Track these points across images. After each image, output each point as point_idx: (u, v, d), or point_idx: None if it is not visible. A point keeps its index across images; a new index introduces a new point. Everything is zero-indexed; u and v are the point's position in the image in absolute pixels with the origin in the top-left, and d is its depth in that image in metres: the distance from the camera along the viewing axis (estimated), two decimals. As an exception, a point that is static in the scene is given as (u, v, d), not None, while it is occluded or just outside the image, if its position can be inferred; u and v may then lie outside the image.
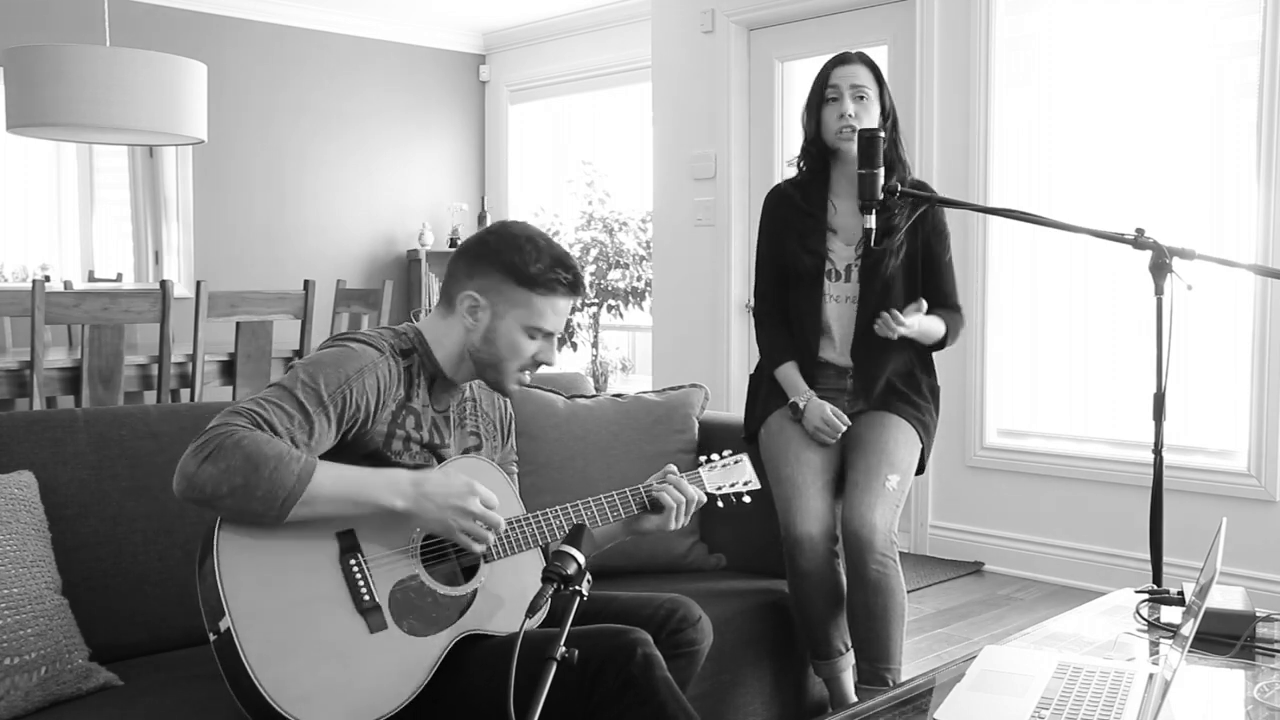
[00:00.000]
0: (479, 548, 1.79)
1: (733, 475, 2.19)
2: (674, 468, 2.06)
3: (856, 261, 2.66)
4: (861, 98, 2.62)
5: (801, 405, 2.63)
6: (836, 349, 2.70)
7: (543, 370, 2.04)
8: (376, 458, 1.82)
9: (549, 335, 1.90)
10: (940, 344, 2.70)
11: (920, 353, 2.74)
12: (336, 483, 1.68)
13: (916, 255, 2.66)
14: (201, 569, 1.67)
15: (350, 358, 1.79)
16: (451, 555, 1.85)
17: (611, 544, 2.09)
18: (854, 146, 2.50)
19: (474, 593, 1.83)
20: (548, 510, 1.93)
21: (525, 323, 1.87)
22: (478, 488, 1.77)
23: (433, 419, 1.91)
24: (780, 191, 2.77)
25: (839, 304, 2.69)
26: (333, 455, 1.78)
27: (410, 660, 1.72)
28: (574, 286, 1.89)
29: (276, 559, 1.67)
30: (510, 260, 1.85)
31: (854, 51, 2.71)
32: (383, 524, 1.74)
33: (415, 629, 1.74)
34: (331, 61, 7.14)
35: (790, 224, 2.70)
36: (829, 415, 2.60)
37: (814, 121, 2.68)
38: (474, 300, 1.86)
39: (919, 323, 2.55)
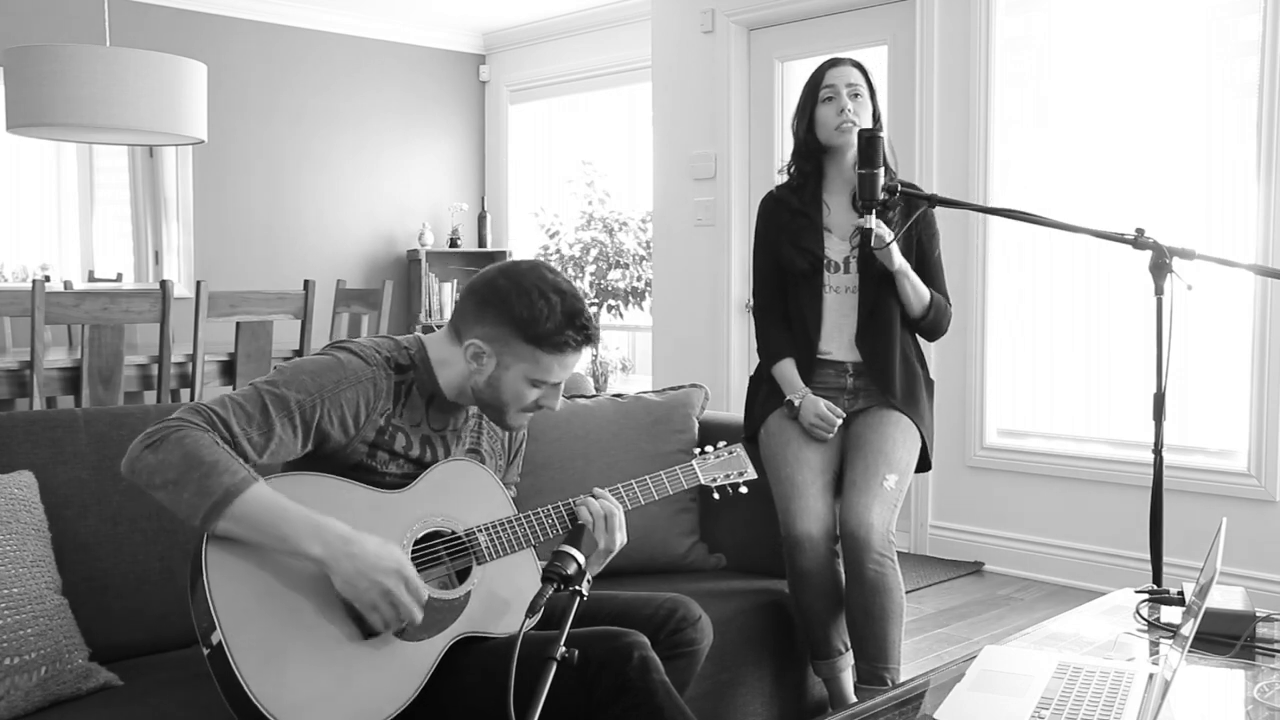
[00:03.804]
0: (379, 625, 1.67)
1: (728, 467, 2.18)
2: (598, 489, 1.97)
3: (853, 253, 2.67)
4: (857, 95, 2.66)
5: (797, 403, 2.64)
6: (836, 341, 2.70)
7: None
8: (360, 469, 1.80)
9: (554, 385, 1.87)
10: (925, 315, 2.67)
11: (915, 341, 2.76)
12: (264, 510, 1.61)
13: (910, 252, 2.68)
14: (193, 584, 1.65)
15: (332, 369, 1.77)
16: (444, 559, 1.84)
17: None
18: (852, 140, 2.53)
19: (468, 595, 1.82)
20: (538, 510, 1.92)
21: (531, 376, 1.83)
22: (407, 571, 1.67)
23: (425, 436, 1.88)
24: (773, 198, 2.79)
25: (839, 294, 2.69)
26: (316, 466, 1.77)
27: (406, 665, 1.72)
28: (585, 343, 1.84)
29: (266, 570, 1.65)
30: (521, 315, 1.79)
31: (845, 57, 2.74)
32: (370, 529, 1.70)
33: (410, 634, 1.73)
34: (331, 61, 7.14)
35: (783, 227, 2.72)
36: (823, 410, 2.61)
37: (806, 122, 2.70)
38: (479, 348, 1.82)
39: (902, 261, 2.59)
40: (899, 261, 2.58)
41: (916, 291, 2.64)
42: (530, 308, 1.79)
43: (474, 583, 1.83)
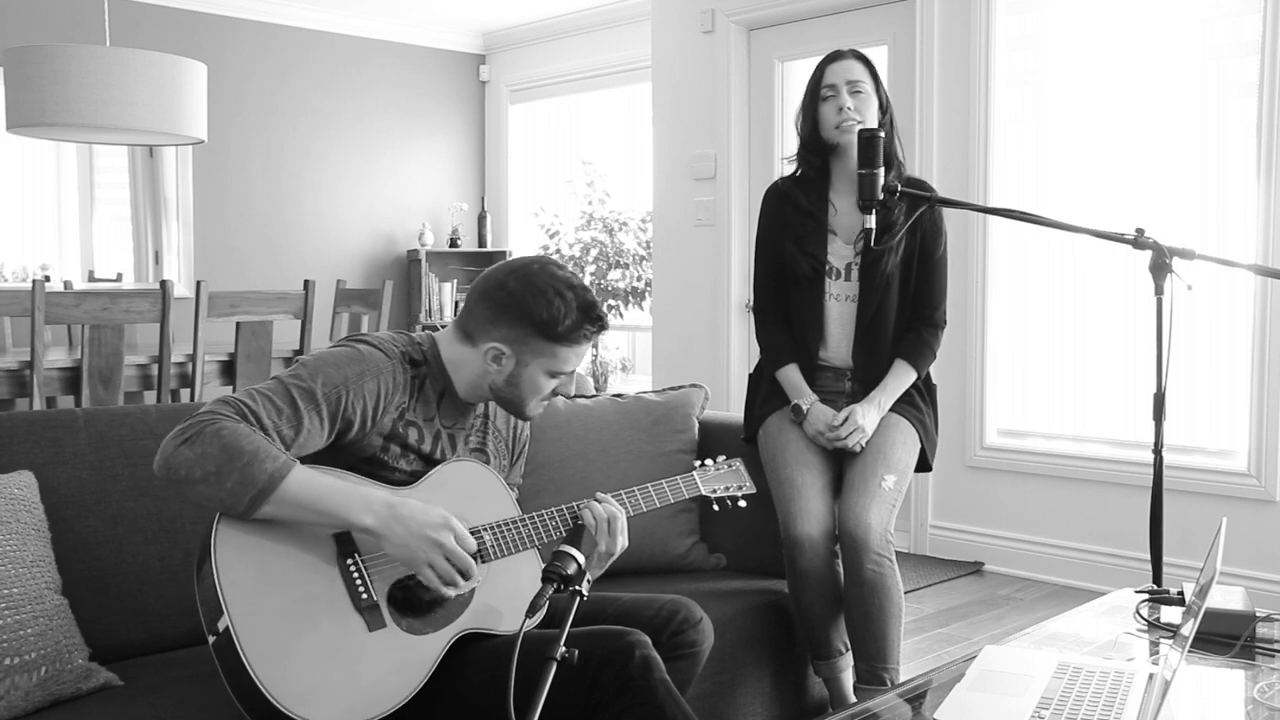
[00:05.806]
0: (447, 590, 1.73)
1: (727, 479, 2.22)
2: (600, 494, 2.02)
3: (856, 260, 2.65)
4: (858, 92, 2.60)
5: (805, 408, 2.62)
6: (835, 348, 2.69)
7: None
8: (373, 463, 1.82)
9: (570, 373, 1.94)
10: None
11: None
12: (308, 489, 1.66)
13: (914, 254, 2.65)
14: (200, 571, 1.67)
15: (353, 360, 1.80)
16: None
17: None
18: (854, 140, 2.50)
19: (472, 592, 1.83)
20: (543, 512, 1.94)
21: (549, 369, 1.89)
22: (454, 523, 1.72)
23: (437, 431, 1.90)
24: (780, 190, 2.73)
25: (839, 303, 2.67)
26: (328, 457, 1.79)
27: (410, 658, 1.72)
28: (600, 332, 1.91)
29: (274, 560, 1.67)
30: (539, 316, 1.84)
31: (847, 48, 2.68)
32: None
33: (414, 627, 1.75)
34: (331, 61, 7.14)
35: (789, 226, 2.68)
36: (825, 429, 2.58)
37: (809, 120, 2.66)
38: (499, 351, 1.87)
39: (873, 425, 2.59)
40: (871, 428, 2.58)
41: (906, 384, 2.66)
42: (549, 308, 1.84)
43: (478, 580, 1.84)
